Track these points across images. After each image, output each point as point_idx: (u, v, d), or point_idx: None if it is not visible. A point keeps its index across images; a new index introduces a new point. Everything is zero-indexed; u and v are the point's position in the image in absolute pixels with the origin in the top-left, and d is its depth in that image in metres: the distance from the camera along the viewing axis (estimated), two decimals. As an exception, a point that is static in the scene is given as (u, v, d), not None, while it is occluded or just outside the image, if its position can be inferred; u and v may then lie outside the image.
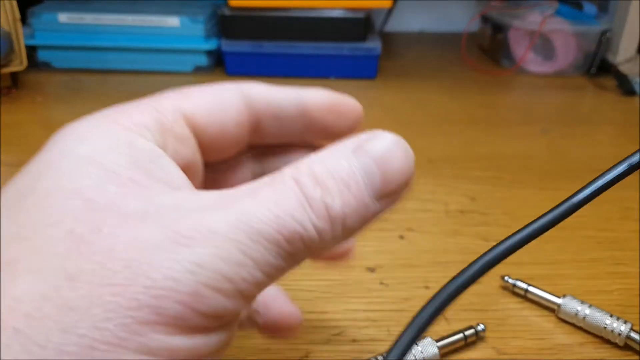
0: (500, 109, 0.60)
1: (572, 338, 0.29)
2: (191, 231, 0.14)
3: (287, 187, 0.15)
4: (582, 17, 0.69)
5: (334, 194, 0.15)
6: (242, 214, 0.14)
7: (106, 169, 0.15)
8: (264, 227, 0.14)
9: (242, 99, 0.20)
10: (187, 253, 0.13)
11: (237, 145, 0.20)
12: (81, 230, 0.14)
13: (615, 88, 0.65)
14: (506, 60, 0.72)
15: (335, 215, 0.15)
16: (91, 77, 0.64)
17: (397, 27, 0.86)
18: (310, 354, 0.27)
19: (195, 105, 0.19)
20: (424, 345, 0.26)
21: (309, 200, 0.15)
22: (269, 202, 0.14)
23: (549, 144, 0.51)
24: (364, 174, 0.16)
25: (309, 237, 0.15)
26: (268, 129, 0.21)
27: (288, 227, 0.14)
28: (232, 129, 0.19)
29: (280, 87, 0.20)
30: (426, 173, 0.45)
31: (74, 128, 0.17)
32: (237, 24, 0.64)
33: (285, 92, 0.20)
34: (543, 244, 0.36)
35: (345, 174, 0.16)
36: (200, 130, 0.19)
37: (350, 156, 0.16)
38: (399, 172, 0.17)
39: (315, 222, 0.15)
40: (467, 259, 0.36)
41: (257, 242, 0.14)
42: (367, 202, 0.16)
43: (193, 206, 0.15)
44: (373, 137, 0.17)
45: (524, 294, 0.31)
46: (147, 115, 0.17)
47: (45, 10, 0.65)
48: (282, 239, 0.14)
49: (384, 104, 0.61)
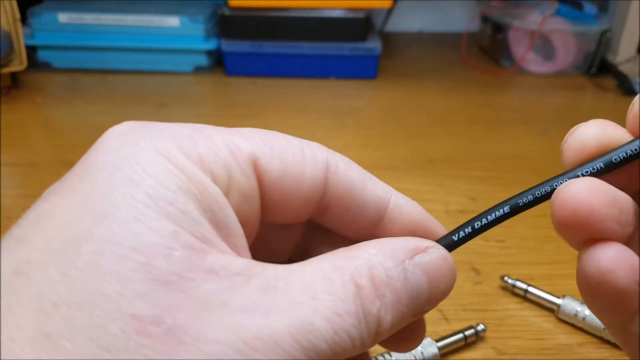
0: (500, 109, 0.60)
1: (572, 338, 0.29)
2: (255, 340, 0.12)
3: (349, 295, 0.14)
4: (582, 17, 0.69)
5: (387, 307, 0.15)
6: (305, 325, 0.13)
7: (175, 221, 0.13)
8: (322, 345, 0.13)
9: (325, 174, 0.17)
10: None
11: (298, 217, 0.17)
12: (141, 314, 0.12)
13: (615, 88, 0.65)
14: (506, 60, 0.72)
15: (382, 331, 0.15)
16: (91, 77, 0.64)
17: (397, 27, 0.86)
18: (310, 354, 0.27)
19: (274, 160, 0.16)
20: (424, 345, 0.26)
21: (367, 315, 0.14)
22: (329, 313, 0.13)
23: (549, 144, 0.51)
24: (416, 291, 0.15)
25: (352, 349, 0.14)
26: (332, 218, 0.18)
27: (342, 345, 0.14)
28: (301, 202, 0.17)
29: (372, 180, 0.18)
30: (426, 173, 0.45)
31: (134, 146, 0.14)
32: (237, 24, 0.64)
33: (374, 189, 0.18)
34: (543, 244, 0.36)
35: (400, 286, 0.15)
36: (269, 190, 0.16)
37: (407, 266, 0.15)
38: (443, 293, 0.16)
39: (365, 339, 0.14)
40: (467, 259, 0.37)
41: (310, 357, 0.13)
42: (408, 319, 0.15)
43: (259, 298, 0.13)
44: (426, 248, 0.16)
45: (524, 294, 0.31)
46: (218, 154, 0.15)
47: (45, 10, 0.65)
48: (330, 355, 0.14)
49: (384, 104, 0.61)
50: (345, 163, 0.18)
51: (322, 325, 0.13)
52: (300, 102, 0.60)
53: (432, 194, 0.42)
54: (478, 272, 0.33)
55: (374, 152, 0.48)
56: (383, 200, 0.18)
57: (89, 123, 0.52)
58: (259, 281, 0.13)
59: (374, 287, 0.14)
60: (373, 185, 0.18)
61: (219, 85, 0.64)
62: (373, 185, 0.18)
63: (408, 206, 0.18)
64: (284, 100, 0.60)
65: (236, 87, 0.63)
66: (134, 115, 0.55)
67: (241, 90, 0.63)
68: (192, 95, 0.62)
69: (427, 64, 0.73)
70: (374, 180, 0.18)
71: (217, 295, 0.13)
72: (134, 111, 0.55)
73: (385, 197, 0.18)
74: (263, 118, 0.55)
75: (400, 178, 0.44)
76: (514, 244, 0.36)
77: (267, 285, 0.13)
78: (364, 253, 0.15)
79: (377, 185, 0.18)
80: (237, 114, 0.56)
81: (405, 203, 0.18)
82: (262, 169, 0.16)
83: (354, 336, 0.14)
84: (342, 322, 0.14)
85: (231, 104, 0.60)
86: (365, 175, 0.18)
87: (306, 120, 0.55)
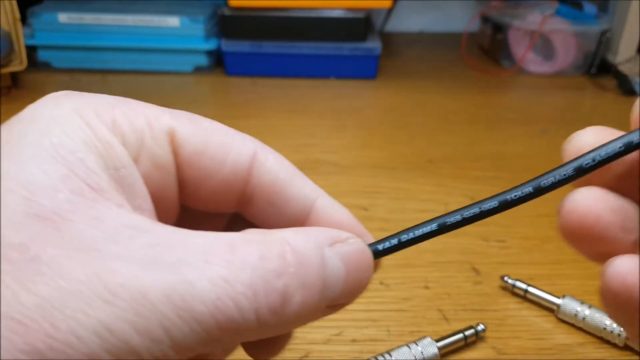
0: (500, 109, 0.60)
1: (572, 338, 0.29)
2: (119, 288, 0.12)
3: (248, 264, 0.13)
4: (582, 17, 0.69)
5: (297, 287, 0.14)
6: (183, 284, 0.12)
7: (70, 167, 0.13)
8: (200, 308, 0.12)
9: (250, 161, 0.17)
10: (103, 312, 0.12)
11: (220, 204, 0.17)
12: (9, 240, 0.12)
13: (615, 88, 0.65)
14: (506, 60, 0.72)
15: (289, 312, 0.14)
16: (91, 77, 0.64)
17: (397, 27, 0.86)
18: (310, 354, 0.27)
19: (194, 136, 0.16)
20: (424, 345, 0.26)
21: (267, 289, 0.13)
22: (219, 279, 0.13)
23: (549, 144, 0.51)
24: (331, 278, 0.15)
25: (246, 328, 0.13)
26: (256, 212, 0.18)
27: (227, 315, 0.13)
28: (220, 185, 0.17)
29: (301, 178, 0.18)
30: (426, 173, 0.45)
31: (55, 105, 0.15)
32: (237, 24, 0.64)
33: (301, 187, 0.17)
34: (543, 244, 0.36)
35: (315, 270, 0.14)
36: (186, 166, 0.16)
37: (325, 252, 0.15)
38: (359, 287, 0.16)
39: (263, 314, 0.13)
40: (467, 259, 0.37)
41: (185, 322, 0.12)
42: (320, 307, 0.15)
43: (140, 252, 0.13)
44: (347, 239, 0.16)
45: (524, 294, 0.31)
46: (132, 121, 0.15)
47: (45, 10, 0.65)
48: (214, 325, 0.13)
49: (383, 104, 0.61)
50: (275, 157, 0.17)
51: (204, 288, 0.13)
52: (301, 102, 0.60)
53: (432, 194, 0.42)
54: (478, 272, 0.33)
55: (374, 152, 0.48)
56: (309, 198, 0.17)
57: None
58: (149, 237, 0.13)
59: (283, 263, 0.14)
60: (301, 183, 0.17)
61: (219, 85, 0.64)
62: (301, 183, 0.17)
63: (336, 209, 0.18)
64: (284, 100, 0.60)
65: (236, 87, 0.63)
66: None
67: (241, 90, 0.63)
68: (192, 95, 0.62)
69: (427, 64, 0.73)
70: (303, 178, 0.18)
71: (95, 241, 0.13)
72: (134, 111, 0.55)
73: (312, 197, 0.17)
74: (263, 118, 0.55)
75: (400, 178, 0.44)
76: (514, 244, 0.36)
77: (157, 242, 0.13)
78: (282, 233, 0.15)
79: (306, 184, 0.18)
80: (237, 114, 0.56)
81: (333, 206, 0.18)
82: (179, 142, 0.16)
83: (244, 307, 0.13)
84: (230, 289, 0.13)
85: (231, 104, 0.60)
86: (295, 173, 0.18)
87: (306, 120, 0.55)
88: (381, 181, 0.43)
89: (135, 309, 0.12)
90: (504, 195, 0.16)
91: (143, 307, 0.12)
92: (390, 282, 0.32)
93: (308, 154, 0.47)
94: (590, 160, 0.15)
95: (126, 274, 0.12)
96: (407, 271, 0.33)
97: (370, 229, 0.39)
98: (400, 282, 0.32)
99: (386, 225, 0.37)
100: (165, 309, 0.12)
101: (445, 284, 0.32)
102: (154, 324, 0.12)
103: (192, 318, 0.12)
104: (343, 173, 0.44)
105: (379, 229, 0.37)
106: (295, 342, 0.28)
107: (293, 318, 0.14)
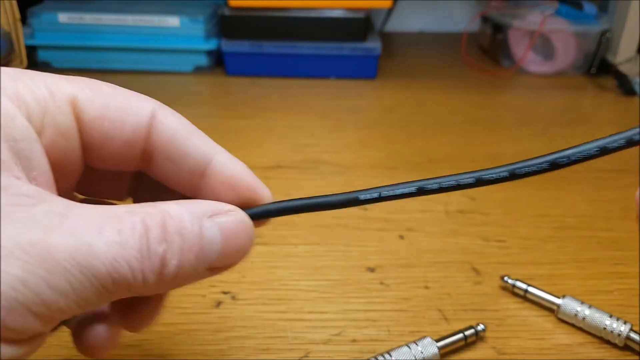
0: (500, 109, 0.60)
1: (572, 338, 0.29)
2: (29, 247, 0.14)
3: (136, 232, 0.15)
4: (582, 17, 0.69)
5: (175, 252, 0.16)
6: (84, 247, 0.14)
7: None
8: (99, 266, 0.14)
9: (149, 121, 0.18)
10: (17, 268, 0.13)
11: (123, 163, 0.19)
12: None
13: (615, 88, 0.65)
14: (506, 60, 0.72)
15: (167, 273, 0.16)
16: (91, 77, 0.64)
17: (397, 27, 0.86)
18: (310, 353, 0.27)
19: (94, 101, 0.18)
20: (424, 345, 0.26)
21: (151, 253, 0.15)
22: (113, 244, 0.15)
23: (549, 143, 0.51)
24: (209, 245, 0.17)
25: (134, 285, 0.15)
26: (157, 169, 0.19)
27: (120, 272, 0.15)
28: (122, 145, 0.18)
29: (200, 136, 0.19)
30: (426, 173, 0.45)
31: None
32: (237, 24, 0.64)
33: (199, 144, 0.19)
34: (543, 244, 0.36)
35: (193, 237, 0.16)
36: (88, 129, 0.18)
37: (204, 222, 0.17)
38: (237, 253, 0.18)
39: (147, 274, 0.15)
40: (467, 259, 0.37)
41: (87, 278, 0.14)
42: (199, 270, 0.17)
43: (42, 217, 0.14)
44: (227, 211, 0.17)
45: (524, 294, 0.31)
46: (35, 92, 0.16)
47: (45, 10, 0.65)
48: (110, 281, 0.15)
49: (383, 103, 0.61)
50: (174, 116, 0.19)
51: (101, 249, 0.15)
52: (300, 102, 0.60)
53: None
54: (478, 272, 0.33)
55: (374, 152, 0.48)
56: (206, 154, 0.19)
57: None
58: (47, 206, 0.15)
59: (163, 231, 0.16)
60: (200, 140, 0.19)
61: (219, 85, 0.64)
62: (200, 140, 0.19)
63: (234, 165, 0.19)
64: (284, 100, 0.60)
65: (236, 87, 0.63)
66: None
67: (241, 90, 0.63)
68: (192, 95, 0.62)
69: (427, 64, 0.73)
70: (202, 137, 0.19)
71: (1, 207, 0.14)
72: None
73: (210, 153, 0.19)
74: (263, 118, 0.55)
75: (400, 178, 0.44)
76: (514, 244, 0.36)
77: (54, 211, 0.15)
78: (165, 206, 0.16)
79: (205, 142, 0.19)
80: (237, 113, 0.56)
81: (232, 162, 0.19)
82: (81, 108, 0.17)
83: (134, 267, 0.15)
84: (123, 251, 0.15)
85: (231, 104, 0.60)
86: (194, 131, 0.19)
87: (306, 120, 0.55)
88: (381, 181, 0.43)
89: (44, 266, 0.14)
90: (480, 172, 0.18)
91: (50, 264, 0.14)
92: (390, 282, 0.32)
93: (308, 154, 0.47)
94: (565, 158, 0.16)
95: (34, 235, 0.14)
96: (407, 271, 0.33)
97: (370, 229, 0.39)
98: (400, 282, 0.32)
99: (386, 226, 0.37)
100: (69, 267, 0.14)
101: (445, 284, 0.32)
102: (61, 279, 0.14)
103: (92, 275, 0.14)
104: (343, 173, 0.44)
105: (379, 229, 0.37)
106: (295, 342, 0.28)
107: (172, 278, 0.16)
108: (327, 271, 0.33)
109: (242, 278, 0.32)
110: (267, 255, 0.34)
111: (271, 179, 0.42)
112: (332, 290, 0.31)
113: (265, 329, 0.28)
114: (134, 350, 0.27)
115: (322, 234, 0.36)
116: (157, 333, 0.28)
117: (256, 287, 0.31)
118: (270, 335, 0.28)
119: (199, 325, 0.28)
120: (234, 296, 0.31)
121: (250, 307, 0.30)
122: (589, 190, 0.42)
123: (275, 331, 0.28)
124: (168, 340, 0.27)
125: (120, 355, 0.26)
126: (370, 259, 0.34)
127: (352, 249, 0.35)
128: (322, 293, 0.31)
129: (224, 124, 0.53)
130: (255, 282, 0.32)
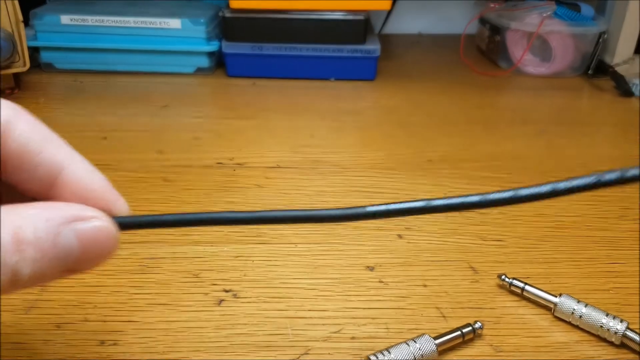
0: (498, 110, 0.61)
1: (569, 336, 0.29)
2: None
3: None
4: (579, 18, 0.69)
5: (27, 262, 0.16)
6: None
7: None
8: None
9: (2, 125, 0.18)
10: None
11: None
12: None
13: (612, 89, 0.65)
14: (504, 61, 0.72)
15: (19, 280, 0.16)
16: (93, 79, 0.65)
17: (396, 29, 0.86)
18: (309, 351, 0.28)
19: None
20: (422, 342, 0.26)
21: (2, 265, 0.16)
22: None
23: (547, 144, 0.51)
24: (64, 252, 0.17)
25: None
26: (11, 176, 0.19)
27: None
28: None
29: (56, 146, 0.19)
30: (425, 173, 0.45)
31: None
32: (238, 26, 0.64)
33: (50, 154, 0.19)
34: (540, 243, 0.36)
35: (48, 246, 0.17)
36: None
37: (61, 229, 0.17)
38: (97, 258, 0.18)
39: (4, 282, 0.16)
40: (464, 258, 0.37)
41: None
42: (54, 273, 0.17)
43: None
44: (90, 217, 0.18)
45: (521, 292, 0.31)
46: None
47: (47, 11, 0.65)
48: None
49: (383, 105, 0.61)
50: (28, 125, 0.19)
51: None
52: (301, 103, 0.60)
53: (431, 194, 0.42)
54: (475, 270, 0.33)
55: (373, 153, 0.49)
56: (57, 165, 0.19)
57: (92, 124, 0.52)
58: None
59: (16, 243, 0.16)
60: (53, 150, 0.19)
61: (220, 86, 0.65)
62: (53, 150, 0.19)
63: (88, 176, 0.19)
64: (284, 102, 0.61)
65: (237, 89, 0.64)
66: (136, 116, 0.55)
67: (242, 91, 0.63)
68: (193, 96, 0.62)
69: (425, 66, 0.74)
70: (57, 146, 0.19)
71: None
72: (136, 112, 0.56)
73: (62, 164, 0.19)
74: (263, 119, 0.55)
75: (399, 178, 0.44)
76: (511, 243, 0.36)
77: None
78: (24, 212, 0.16)
79: (59, 152, 0.19)
80: (237, 114, 0.57)
81: (86, 173, 0.19)
82: None
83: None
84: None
85: (232, 105, 0.60)
86: (49, 140, 0.19)
87: (306, 121, 0.55)
88: (380, 182, 0.44)
89: None
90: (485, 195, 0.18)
91: None
92: (389, 281, 0.32)
93: (308, 154, 0.47)
94: (564, 188, 0.17)
95: None
96: (406, 270, 0.33)
97: (369, 229, 0.40)
98: (398, 281, 0.32)
99: (385, 225, 0.37)
100: None
101: (443, 283, 0.32)
102: None
103: None
104: (343, 173, 0.45)
105: (378, 229, 0.37)
106: (295, 339, 0.28)
107: (25, 283, 0.16)
108: (327, 270, 0.33)
109: (243, 276, 0.32)
110: (268, 254, 0.34)
111: (271, 179, 0.43)
112: (332, 289, 0.32)
113: (266, 326, 0.29)
114: (136, 348, 0.27)
115: (322, 234, 0.36)
116: (160, 330, 0.28)
117: (257, 285, 0.32)
118: (271, 333, 0.28)
119: (201, 323, 0.29)
120: (235, 294, 0.31)
121: (252, 304, 0.30)
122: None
123: (275, 328, 0.29)
124: (170, 338, 0.28)
125: (123, 353, 0.27)
126: (369, 257, 0.34)
127: (352, 248, 0.35)
128: (322, 291, 0.32)
129: (224, 124, 0.54)
130: (256, 281, 0.32)
